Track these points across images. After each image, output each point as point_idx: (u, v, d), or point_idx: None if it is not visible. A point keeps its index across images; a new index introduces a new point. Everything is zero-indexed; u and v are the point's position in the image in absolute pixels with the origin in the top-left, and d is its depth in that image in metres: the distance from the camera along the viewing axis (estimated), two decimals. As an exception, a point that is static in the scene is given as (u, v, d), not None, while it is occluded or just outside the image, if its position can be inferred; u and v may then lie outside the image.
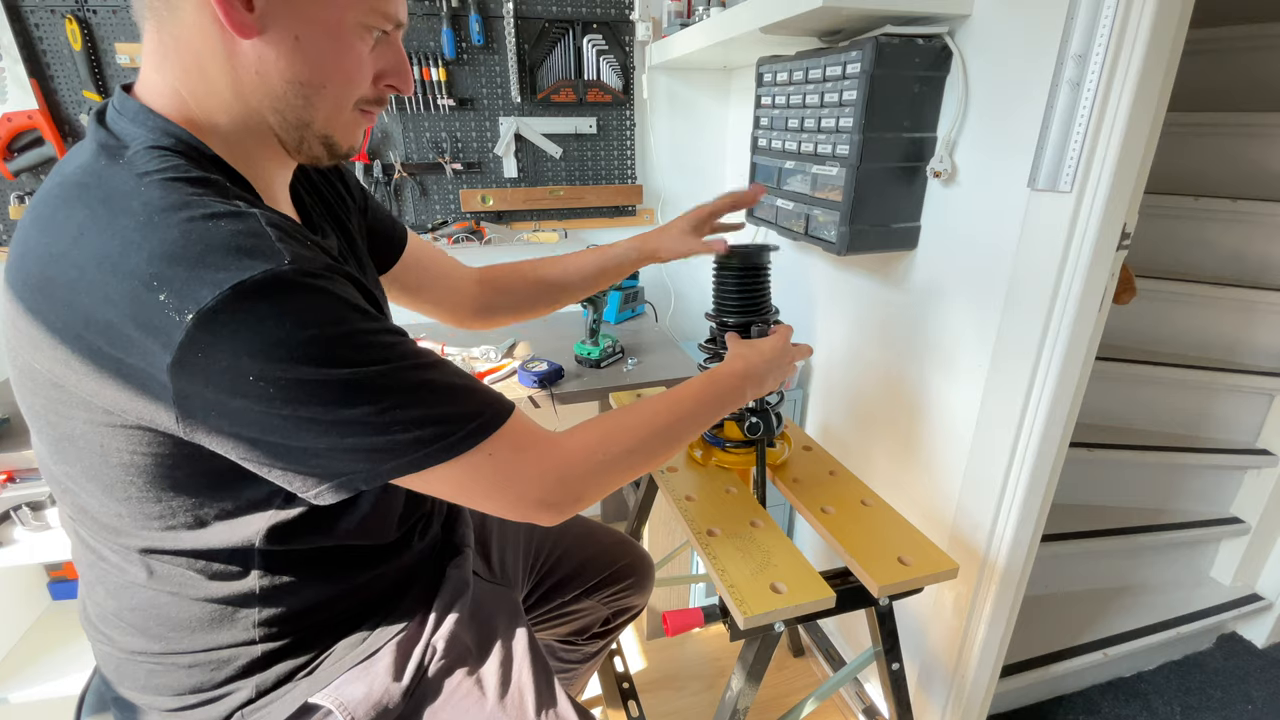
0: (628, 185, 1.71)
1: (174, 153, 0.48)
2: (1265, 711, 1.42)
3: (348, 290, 0.47)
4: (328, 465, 0.47)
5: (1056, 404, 0.88)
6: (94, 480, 0.50)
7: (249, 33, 0.47)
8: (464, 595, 0.72)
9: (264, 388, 0.42)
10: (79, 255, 0.42)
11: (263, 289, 0.41)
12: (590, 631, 1.06)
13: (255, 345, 0.41)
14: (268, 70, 0.49)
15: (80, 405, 0.46)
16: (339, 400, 0.44)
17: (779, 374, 0.83)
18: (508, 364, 1.35)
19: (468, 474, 0.51)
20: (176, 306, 0.40)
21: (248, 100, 0.50)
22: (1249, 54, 1.85)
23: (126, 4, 1.31)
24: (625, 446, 0.61)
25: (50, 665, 1.29)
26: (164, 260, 0.41)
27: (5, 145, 1.32)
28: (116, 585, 0.56)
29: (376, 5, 0.51)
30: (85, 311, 0.42)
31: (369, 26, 0.51)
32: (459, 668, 0.67)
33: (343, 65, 0.51)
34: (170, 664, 0.58)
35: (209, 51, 0.48)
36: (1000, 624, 1.04)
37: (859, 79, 0.93)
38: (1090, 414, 1.71)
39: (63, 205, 0.45)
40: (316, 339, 0.43)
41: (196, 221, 0.42)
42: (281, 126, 0.52)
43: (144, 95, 0.50)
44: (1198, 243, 1.78)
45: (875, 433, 1.27)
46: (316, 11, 0.48)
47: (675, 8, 1.51)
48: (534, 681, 0.69)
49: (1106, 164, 0.75)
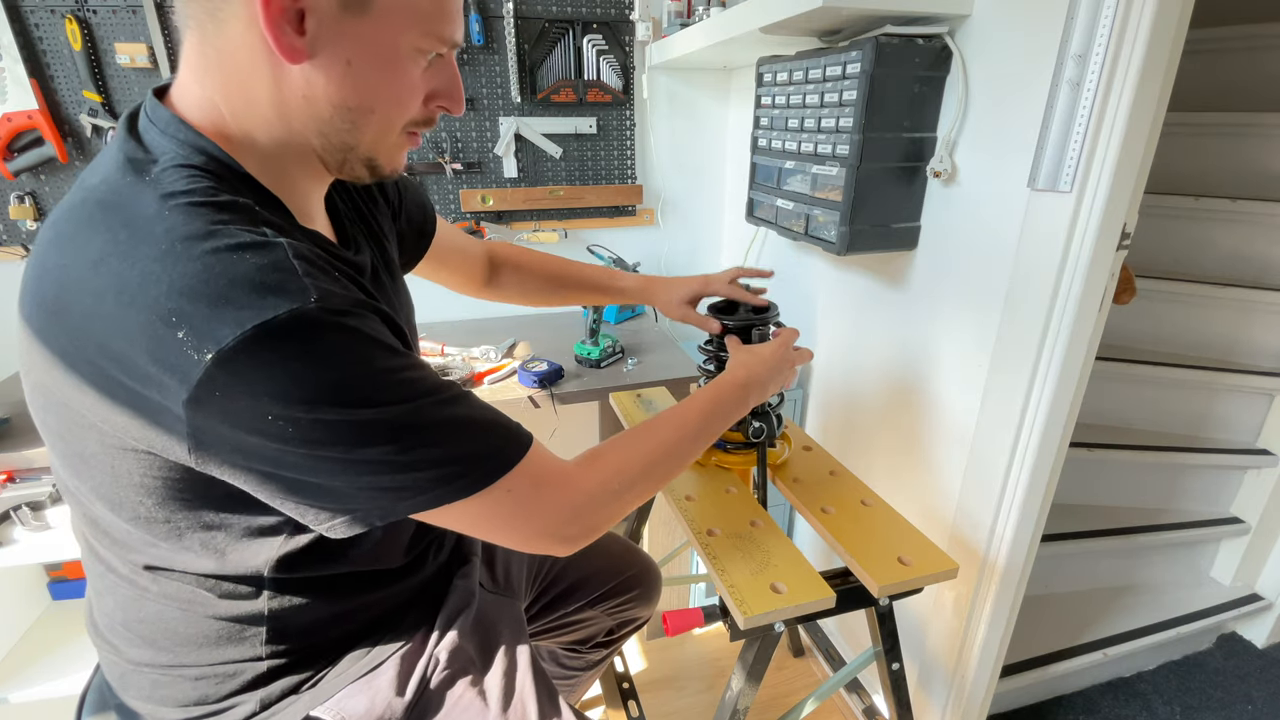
0: (628, 185, 1.71)
1: (203, 172, 0.46)
2: (1265, 711, 1.42)
3: (375, 327, 0.46)
4: (344, 502, 0.46)
5: (1056, 404, 0.88)
6: (104, 499, 0.49)
7: (298, 58, 0.45)
8: (469, 607, 0.72)
9: (282, 427, 0.41)
10: (97, 283, 0.41)
11: (286, 329, 0.40)
12: (594, 641, 1.06)
13: (276, 386, 0.40)
14: (315, 95, 0.47)
15: (92, 428, 0.45)
16: (360, 440, 0.43)
17: (780, 379, 0.83)
18: (508, 364, 1.35)
19: (486, 510, 0.51)
20: (195, 345, 0.39)
21: (291, 122, 0.48)
22: (1249, 54, 1.85)
23: (127, 4, 1.31)
24: (638, 473, 0.61)
25: (50, 665, 1.29)
26: (184, 296, 0.39)
27: (5, 145, 1.32)
28: (126, 597, 0.56)
29: (433, 29, 0.48)
30: (101, 340, 0.41)
31: (424, 50, 0.49)
32: (461, 678, 0.67)
33: (394, 90, 0.50)
34: (176, 676, 0.57)
35: (254, 70, 0.46)
36: (1000, 624, 1.04)
37: (859, 79, 0.92)
38: (1090, 414, 1.71)
39: (85, 225, 0.43)
40: (340, 381, 0.42)
41: (220, 254, 0.41)
42: (325, 149, 0.51)
43: (179, 104, 0.49)
44: (1198, 243, 1.78)
45: (875, 433, 1.27)
46: (372, 36, 0.46)
47: (675, 8, 1.51)
48: (536, 693, 0.69)
49: (1106, 164, 0.75)
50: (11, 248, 1.40)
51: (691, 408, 0.71)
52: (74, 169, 1.39)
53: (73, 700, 0.73)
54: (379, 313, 0.48)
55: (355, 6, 0.45)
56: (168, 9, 1.33)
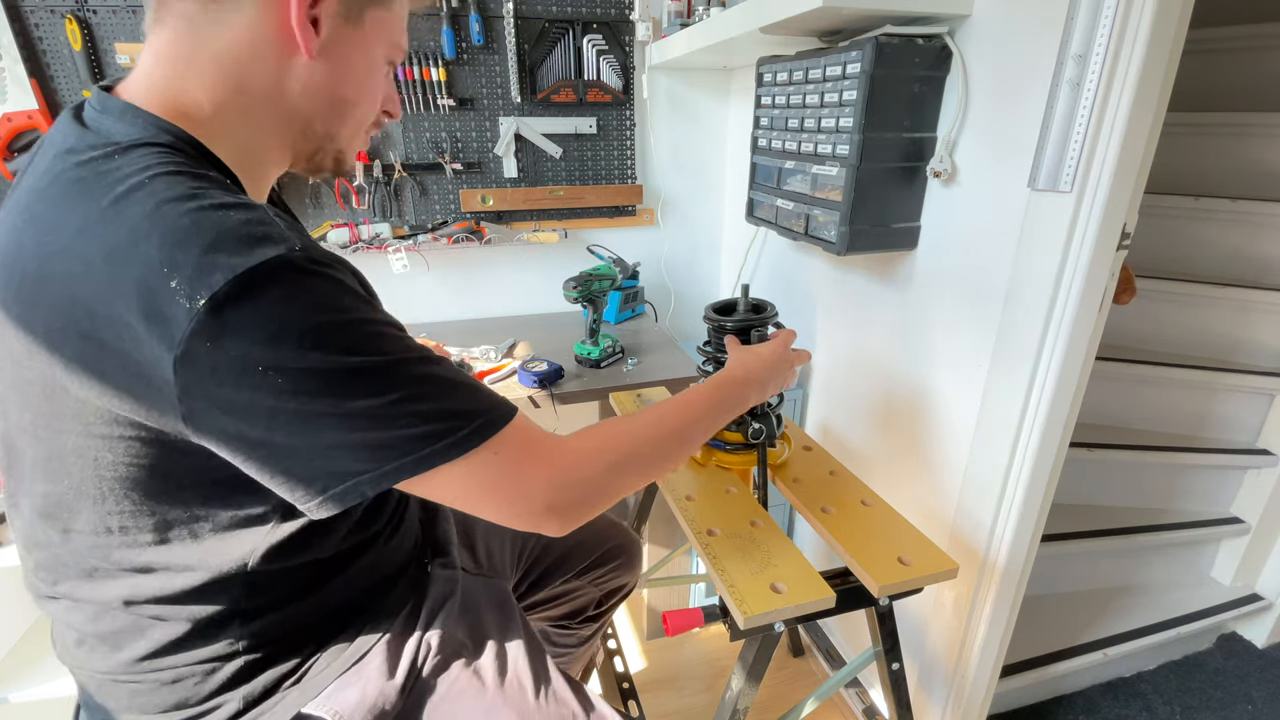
0: (628, 185, 1.71)
1: (171, 149, 0.48)
2: (1265, 711, 1.42)
3: (352, 281, 0.48)
4: (333, 466, 0.46)
5: (1056, 404, 0.88)
6: (85, 497, 0.49)
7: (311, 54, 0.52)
8: (453, 592, 0.73)
9: (273, 378, 0.41)
10: (83, 249, 0.42)
11: (275, 273, 0.41)
12: (584, 614, 1.08)
13: (265, 332, 0.41)
14: (316, 86, 0.54)
15: (75, 416, 0.45)
16: (347, 390, 0.44)
17: (779, 380, 0.83)
18: (507, 364, 1.35)
19: (473, 475, 0.50)
20: (188, 293, 0.40)
21: (282, 110, 0.54)
22: (1249, 54, 1.85)
23: (127, 4, 1.31)
24: (632, 449, 0.60)
25: (50, 665, 1.29)
26: (176, 246, 0.40)
27: (5, 145, 1.32)
28: (95, 611, 0.55)
29: (397, 42, 0.59)
30: (88, 305, 0.41)
31: (389, 60, 0.60)
32: (454, 661, 0.67)
33: (372, 90, 0.59)
34: (152, 681, 0.56)
35: (255, 62, 0.51)
36: (1000, 624, 1.04)
37: (859, 79, 0.92)
38: (1090, 414, 1.71)
39: (61, 202, 0.44)
40: (327, 325, 0.43)
41: (206, 210, 0.42)
42: (305, 135, 0.57)
43: (130, 95, 0.51)
44: (1198, 243, 1.78)
45: (875, 433, 1.27)
46: (360, 43, 0.55)
47: (675, 8, 1.51)
48: (530, 665, 0.70)
49: (1106, 164, 0.75)
50: (11, 248, 1.40)
51: (690, 397, 0.71)
52: (74, 169, 1.39)
53: (72, 700, 0.73)
54: (355, 273, 0.52)
55: (353, 19, 0.54)
56: (168, 9, 1.33)
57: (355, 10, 0.54)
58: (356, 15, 0.54)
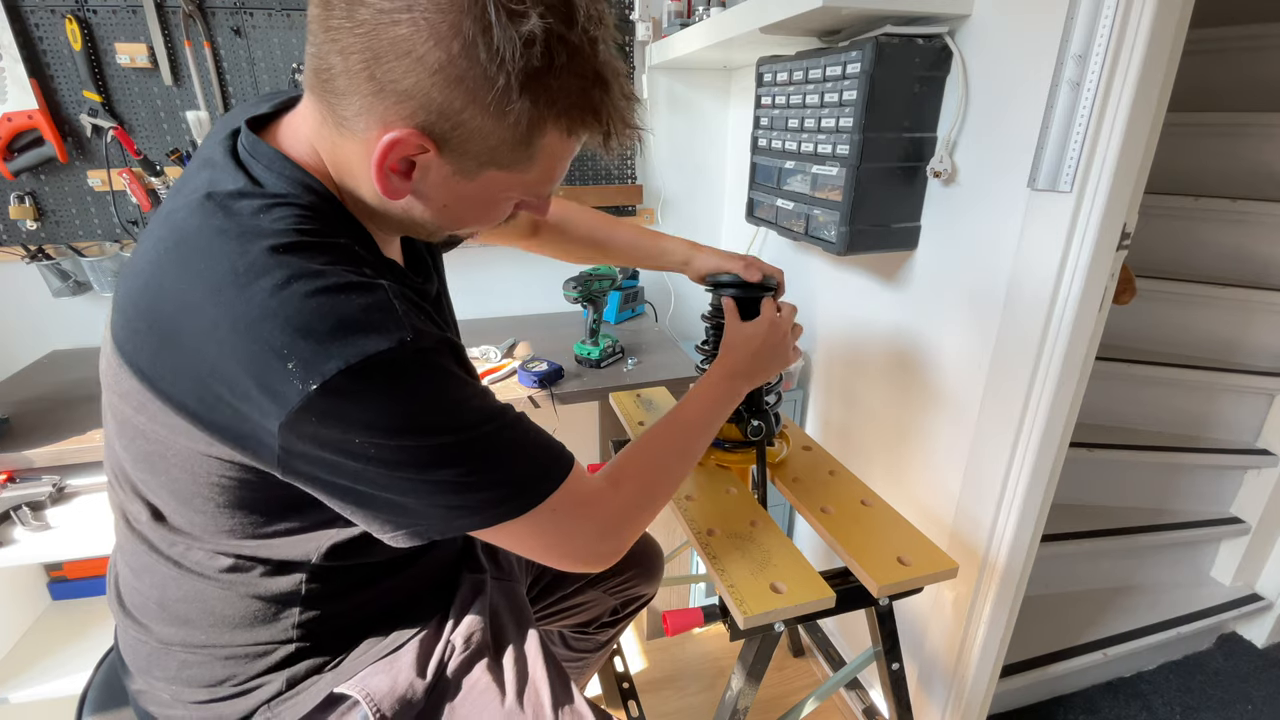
0: (628, 185, 1.71)
1: (309, 211, 0.50)
2: (1265, 711, 1.42)
3: (453, 360, 0.51)
4: (410, 517, 0.51)
5: (1056, 404, 0.88)
6: (174, 494, 0.53)
7: (398, 196, 0.50)
8: (482, 594, 0.75)
9: (366, 450, 0.46)
10: (216, 312, 0.45)
11: (383, 366, 0.45)
12: (599, 621, 1.07)
13: (367, 417, 0.45)
14: (413, 209, 0.53)
15: (185, 433, 0.48)
16: (432, 463, 0.48)
17: (772, 361, 0.84)
18: (508, 364, 1.35)
19: (531, 529, 0.55)
20: (302, 376, 0.43)
21: (391, 210, 0.53)
22: (1249, 54, 1.85)
23: (127, 4, 1.31)
24: (657, 487, 0.67)
25: (50, 665, 1.29)
26: (296, 333, 0.44)
27: (5, 145, 1.31)
28: (165, 576, 0.58)
29: (534, 190, 0.55)
30: (213, 361, 0.45)
31: (525, 200, 0.57)
32: (477, 663, 0.69)
33: (487, 217, 0.57)
34: (207, 655, 0.60)
35: (363, 176, 0.50)
36: (1000, 624, 1.04)
37: (859, 79, 0.93)
38: (1090, 414, 1.71)
39: (204, 253, 0.46)
40: (423, 413, 0.47)
41: (329, 294, 0.45)
42: (419, 227, 0.57)
43: (284, 142, 0.53)
44: (1198, 243, 1.78)
45: (875, 433, 1.27)
46: (473, 194, 0.52)
47: (675, 8, 1.51)
48: (549, 678, 0.71)
49: (1106, 164, 0.75)
50: (11, 248, 1.40)
51: (687, 411, 0.74)
52: (74, 169, 1.39)
53: (73, 700, 0.73)
54: (455, 347, 0.53)
55: (465, 174, 0.50)
56: (168, 9, 1.33)
57: (468, 169, 0.50)
58: (470, 172, 0.50)
